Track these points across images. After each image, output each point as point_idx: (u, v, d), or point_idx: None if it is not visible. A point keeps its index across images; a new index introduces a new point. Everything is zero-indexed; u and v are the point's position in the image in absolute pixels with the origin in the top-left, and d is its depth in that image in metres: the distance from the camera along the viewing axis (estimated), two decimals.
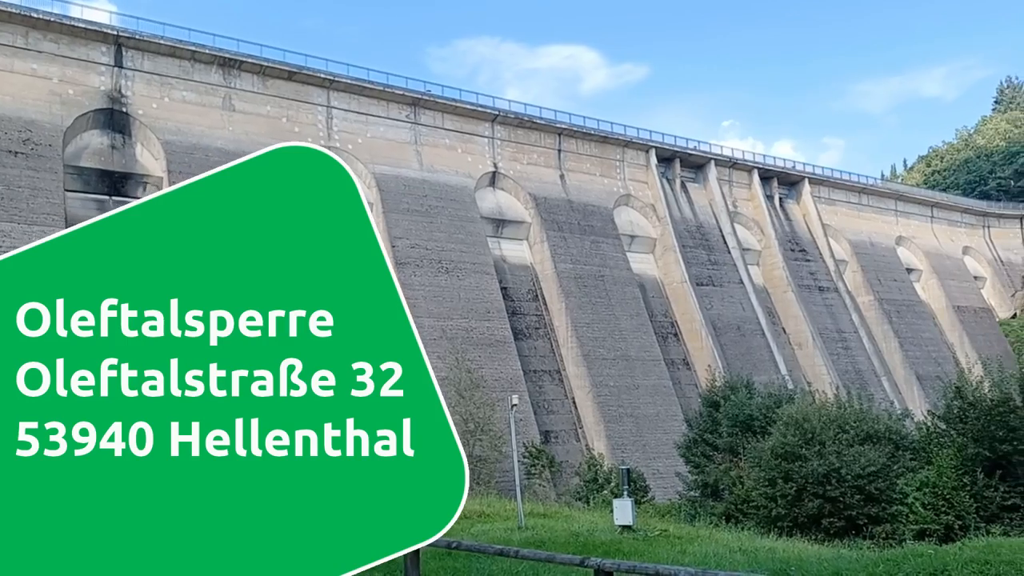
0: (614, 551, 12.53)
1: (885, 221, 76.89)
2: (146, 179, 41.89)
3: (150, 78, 42.76)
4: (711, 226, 61.99)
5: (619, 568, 7.43)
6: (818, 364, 59.87)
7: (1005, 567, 8.99)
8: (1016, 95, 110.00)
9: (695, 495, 25.60)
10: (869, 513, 18.92)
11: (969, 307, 77.44)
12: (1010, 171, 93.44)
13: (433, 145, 51.16)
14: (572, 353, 49.12)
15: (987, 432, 18.22)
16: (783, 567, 10.30)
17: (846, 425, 20.85)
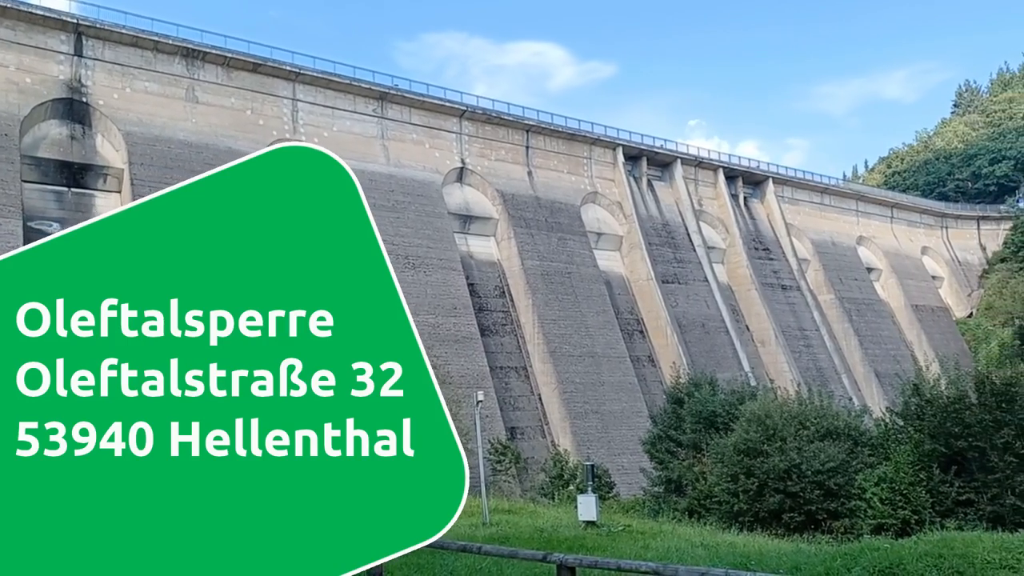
0: (577, 546, 12.60)
1: (846, 221, 78.18)
2: (106, 171, 41.12)
3: (111, 68, 41.95)
4: (677, 224, 62.51)
5: (581, 563, 7.47)
6: (780, 361, 60.71)
7: (958, 560, 9.21)
8: (974, 99, 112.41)
9: (659, 491, 25.84)
10: (828, 508, 19.24)
11: (927, 306, 79.07)
12: (968, 173, 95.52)
13: (400, 140, 50.90)
14: (539, 350, 49.24)
15: (943, 429, 18.59)
16: (743, 561, 10.44)
17: (807, 421, 21.16)
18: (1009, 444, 17.55)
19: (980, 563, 9.09)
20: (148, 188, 40.20)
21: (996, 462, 17.64)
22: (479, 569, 9.50)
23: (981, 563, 9.08)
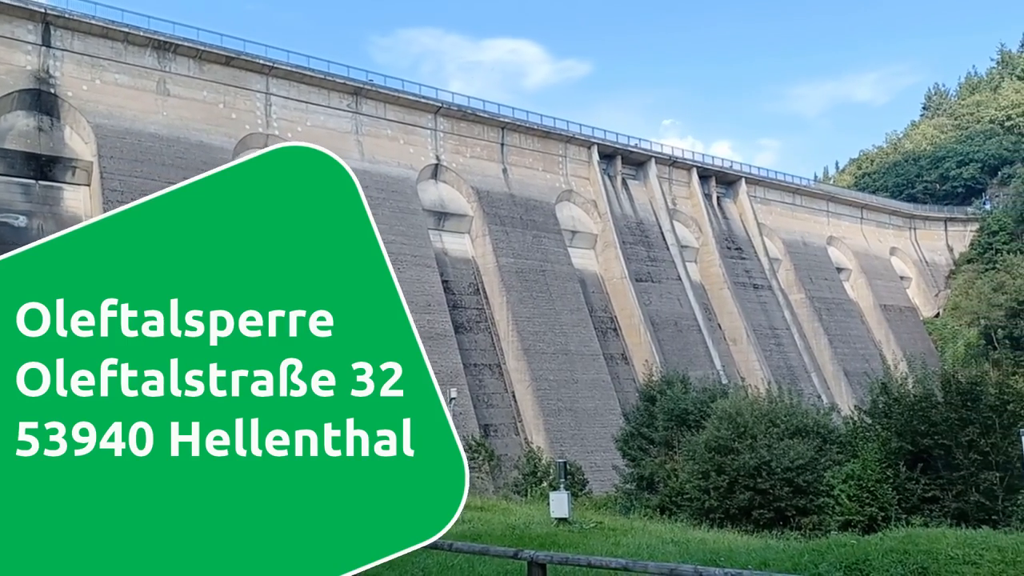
0: (549, 543, 12.64)
1: (817, 221, 79.09)
2: (75, 163, 40.48)
3: (80, 59, 41.28)
4: (651, 223, 62.85)
5: (552, 560, 7.49)
6: (752, 360, 61.29)
7: (923, 556, 9.36)
8: (943, 102, 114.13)
9: (631, 488, 25.96)
10: (797, 505, 19.45)
11: (895, 306, 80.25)
12: (936, 175, 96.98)
13: (375, 136, 50.65)
14: (512, 347, 49.27)
15: (910, 427, 18.86)
16: (713, 557, 10.53)
17: (777, 419, 21.37)
18: (973, 442, 17.86)
19: (944, 558, 9.25)
20: (118, 181, 39.67)
21: (961, 460, 17.95)
22: (450, 566, 9.49)
23: (945, 558, 9.24)
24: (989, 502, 17.22)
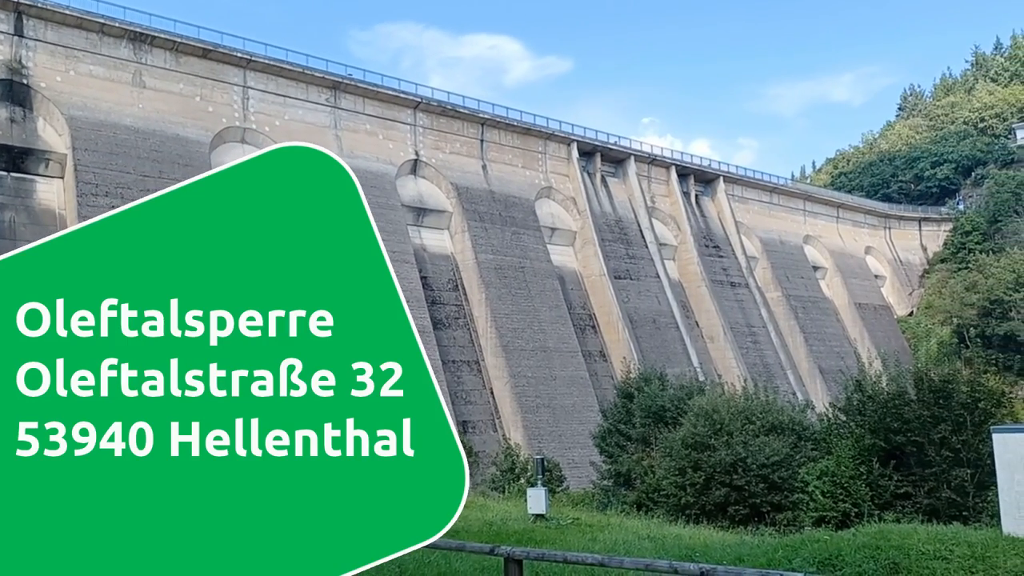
0: (526, 539, 12.67)
1: (794, 220, 79.78)
2: (48, 155, 39.91)
3: (54, 49, 40.67)
4: (630, 221, 63.06)
5: (528, 556, 7.51)
6: (728, 357, 61.73)
7: (894, 551, 9.49)
8: (918, 103, 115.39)
9: (608, 484, 26.06)
10: (772, 501, 19.62)
11: (870, 304, 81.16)
12: (911, 175, 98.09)
13: (353, 130, 50.39)
14: (491, 344, 49.27)
15: (883, 424, 19.06)
16: (688, 553, 10.61)
17: (752, 416, 21.54)
18: (945, 439, 18.08)
19: (915, 554, 9.38)
20: (92, 174, 39.17)
21: (933, 456, 18.17)
22: (427, 562, 9.49)
23: (916, 554, 9.37)
24: (960, 498, 17.46)
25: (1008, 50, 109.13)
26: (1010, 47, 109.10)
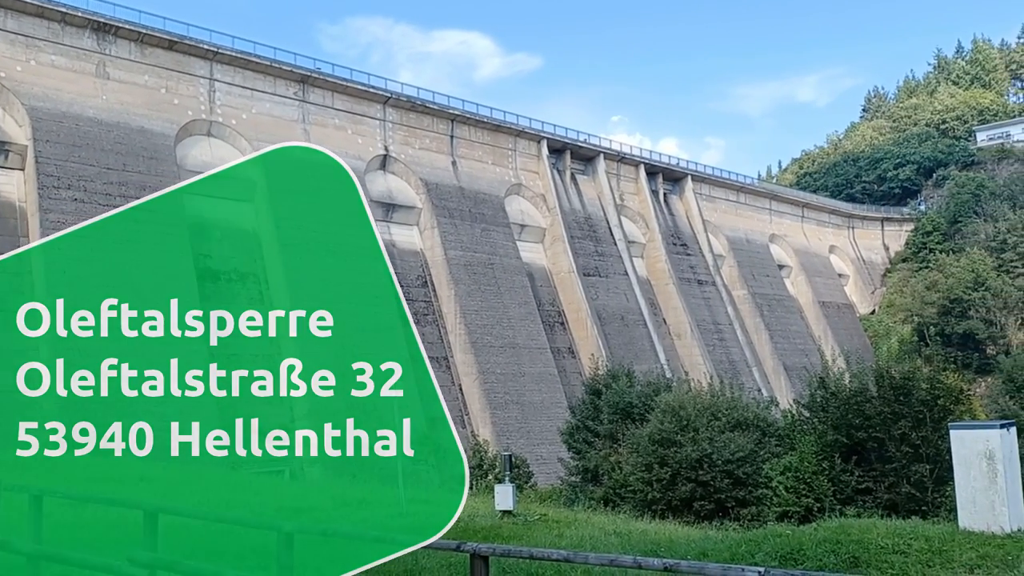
0: (493, 535, 12.70)
1: (760, 219, 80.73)
2: (8, 147, 39.05)
3: (14, 38, 39.78)
4: (599, 218, 63.35)
5: (494, 552, 7.53)
6: (695, 354, 62.32)
7: (854, 546, 9.68)
8: (882, 104, 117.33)
9: (576, 480, 26.18)
10: (737, 496, 19.87)
11: (833, 303, 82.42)
12: (874, 176, 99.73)
13: (322, 125, 49.97)
14: (460, 340, 49.23)
15: (845, 420, 19.38)
16: (653, 548, 10.72)
17: (718, 412, 21.76)
18: (905, 435, 18.44)
19: (875, 548, 9.58)
20: (54, 166, 38.41)
21: (893, 452, 18.52)
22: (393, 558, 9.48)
23: (875, 548, 9.57)
24: (919, 493, 17.82)
25: (969, 54, 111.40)
26: (971, 51, 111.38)
